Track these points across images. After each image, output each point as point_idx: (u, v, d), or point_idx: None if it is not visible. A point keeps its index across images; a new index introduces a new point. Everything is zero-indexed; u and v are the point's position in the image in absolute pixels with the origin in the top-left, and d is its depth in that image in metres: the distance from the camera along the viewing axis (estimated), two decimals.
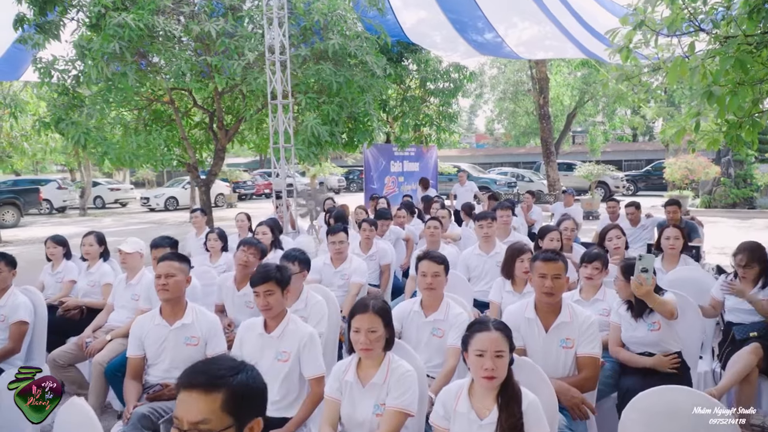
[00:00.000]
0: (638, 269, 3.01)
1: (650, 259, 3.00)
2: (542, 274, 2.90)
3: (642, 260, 3.00)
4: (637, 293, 3.05)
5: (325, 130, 8.84)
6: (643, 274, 2.99)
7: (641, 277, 3.00)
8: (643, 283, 3.00)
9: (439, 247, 5.38)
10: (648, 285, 3.01)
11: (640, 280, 3.00)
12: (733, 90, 4.34)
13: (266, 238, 5.27)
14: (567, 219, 5.03)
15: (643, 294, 3.04)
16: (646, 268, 2.99)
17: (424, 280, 3.27)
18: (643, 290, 3.02)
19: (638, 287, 3.02)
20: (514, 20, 11.96)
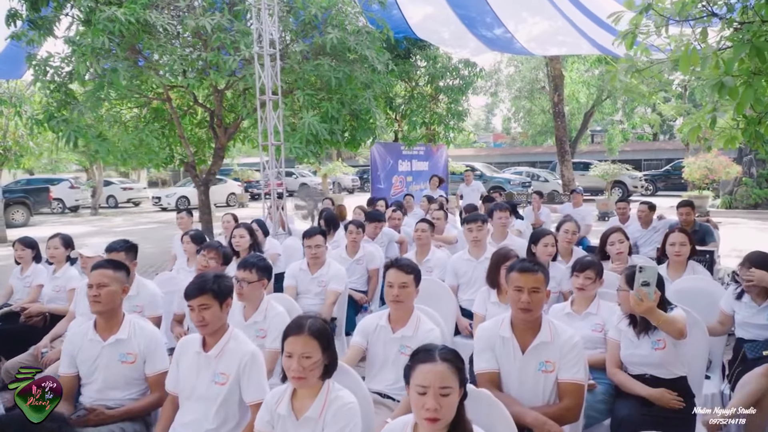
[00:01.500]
0: (638, 282, 2.62)
1: (652, 270, 2.62)
2: (518, 286, 2.54)
3: (643, 272, 2.61)
4: (638, 310, 2.67)
5: (324, 128, 8.53)
6: (644, 288, 2.60)
7: (642, 291, 2.61)
8: (645, 298, 2.61)
9: (429, 251, 5.03)
10: (650, 300, 2.62)
11: (641, 296, 2.62)
12: (748, 80, 3.92)
13: (244, 241, 4.95)
14: (568, 221, 4.62)
15: (645, 311, 2.66)
16: (648, 281, 2.60)
17: (391, 292, 2.92)
18: (644, 307, 2.64)
19: (639, 303, 2.63)
20: (524, 15, 11.55)
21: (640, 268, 2.63)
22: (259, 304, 3.31)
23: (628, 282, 2.93)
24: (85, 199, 24.41)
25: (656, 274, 2.60)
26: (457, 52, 13.40)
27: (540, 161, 34.99)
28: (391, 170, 14.11)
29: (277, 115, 7.02)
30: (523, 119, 32.73)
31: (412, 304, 3.00)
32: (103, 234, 17.10)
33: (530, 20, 11.64)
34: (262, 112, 7.04)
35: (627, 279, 2.97)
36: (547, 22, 11.38)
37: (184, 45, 9.10)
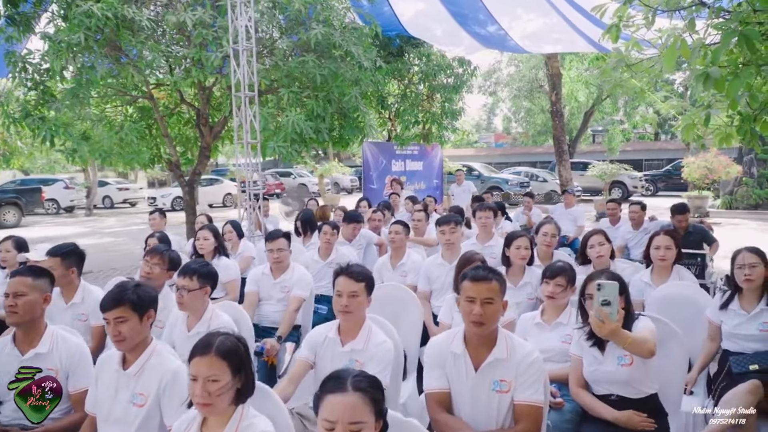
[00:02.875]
0: (598, 302, 2.30)
1: (612, 287, 2.31)
2: (470, 297, 2.28)
3: (602, 290, 2.30)
4: (600, 333, 2.37)
5: (310, 127, 8.30)
6: (605, 308, 2.28)
7: (602, 312, 2.29)
8: (606, 320, 2.30)
9: (405, 254, 4.78)
10: (612, 322, 2.31)
11: (602, 317, 2.30)
12: (736, 71, 3.66)
13: (208, 244, 4.73)
14: (548, 222, 4.36)
15: (608, 334, 2.36)
16: (608, 299, 2.28)
17: (339, 302, 2.67)
18: (606, 329, 2.33)
19: (600, 326, 2.33)
20: (518, 12, 11.29)
21: (598, 285, 2.31)
22: (203, 313, 3.07)
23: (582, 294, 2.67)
24: (80, 200, 24.24)
25: (617, 291, 2.30)
26: (450, 50, 13.16)
27: (540, 161, 34.66)
28: (384, 170, 13.84)
29: (254, 113, 6.77)
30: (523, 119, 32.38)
31: (364, 314, 2.75)
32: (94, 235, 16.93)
33: (524, 17, 11.38)
34: (238, 110, 6.78)
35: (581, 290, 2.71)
36: (541, 19, 11.12)
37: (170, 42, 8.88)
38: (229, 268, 4.71)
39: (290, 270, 4.16)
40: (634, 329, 2.54)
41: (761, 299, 3.10)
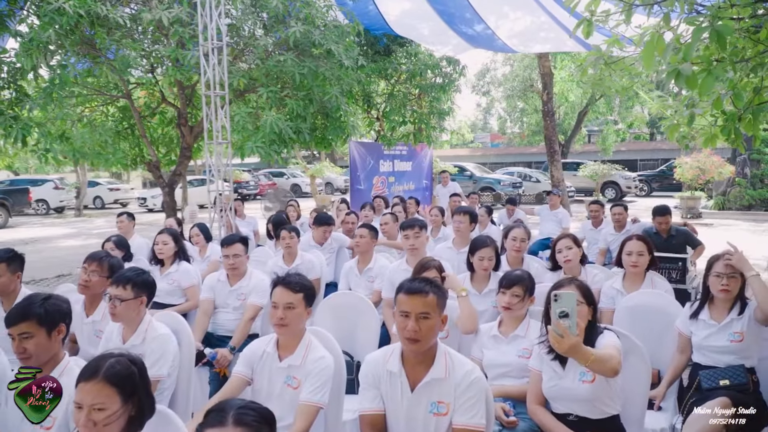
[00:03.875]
0: (555, 314, 2.08)
1: (570, 298, 2.09)
2: (404, 311, 2.10)
3: (559, 301, 2.07)
4: (559, 349, 2.12)
5: (290, 126, 8.12)
6: (563, 320, 2.05)
7: (560, 325, 2.06)
8: (565, 334, 2.06)
9: (372, 259, 4.59)
10: (572, 336, 2.08)
11: (560, 330, 2.06)
12: (709, 68, 3.48)
13: (167, 248, 4.54)
14: (517, 227, 4.17)
15: (568, 350, 2.11)
16: (566, 311, 2.05)
17: (275, 314, 2.49)
18: (565, 345, 2.08)
19: (558, 341, 2.08)
20: (505, 10, 11.09)
21: (555, 295, 2.09)
22: (138, 325, 2.88)
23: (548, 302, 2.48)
24: (70, 200, 24.05)
25: (575, 302, 2.09)
26: (438, 49, 12.96)
27: (535, 161, 34.52)
28: (371, 170, 13.66)
29: (225, 112, 6.58)
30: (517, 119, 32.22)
31: (302, 327, 2.57)
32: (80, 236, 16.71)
33: (511, 15, 11.18)
34: (209, 109, 6.60)
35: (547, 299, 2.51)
36: (529, 17, 10.94)
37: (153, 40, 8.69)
38: (189, 274, 4.54)
39: (247, 276, 3.98)
40: (598, 345, 2.36)
41: (732, 308, 2.93)
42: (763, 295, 2.80)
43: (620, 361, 2.25)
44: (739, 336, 2.85)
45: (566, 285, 2.49)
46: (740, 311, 2.90)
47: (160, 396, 2.85)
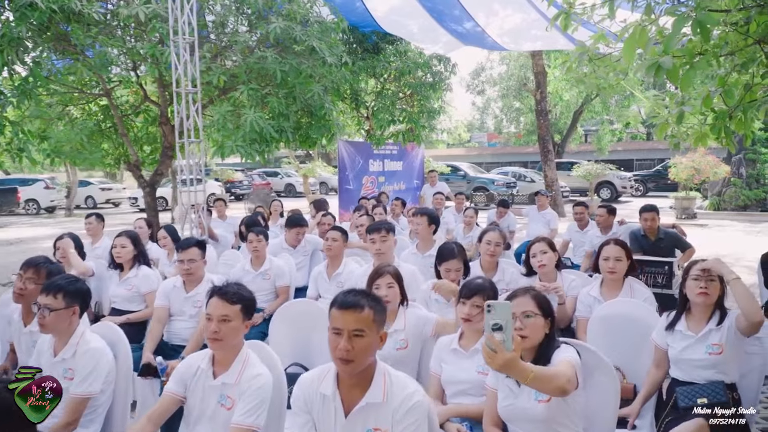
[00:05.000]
0: (488, 326, 1.82)
1: (505, 308, 1.83)
2: (336, 328, 1.89)
3: (492, 312, 1.81)
4: (491, 365, 1.84)
5: (271, 125, 7.91)
6: (497, 334, 1.80)
7: (494, 340, 1.79)
8: (498, 349, 1.79)
9: (342, 263, 4.38)
10: (507, 352, 1.81)
11: (493, 345, 1.79)
12: (691, 61, 3.28)
13: (125, 252, 4.33)
14: (492, 230, 3.96)
15: (502, 366, 1.82)
16: (500, 323, 1.79)
17: (208, 327, 2.28)
18: (498, 361, 1.80)
19: (491, 356, 1.80)
20: (495, 8, 10.87)
21: (488, 306, 1.84)
22: (70, 337, 2.66)
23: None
24: (61, 200, 23.81)
25: (511, 313, 1.85)
26: (429, 47, 12.74)
27: (531, 161, 34.29)
28: (361, 170, 13.46)
29: (197, 110, 6.36)
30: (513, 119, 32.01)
31: (239, 342, 2.36)
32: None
33: (501, 13, 10.97)
34: (179, 107, 6.38)
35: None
36: (519, 15, 10.72)
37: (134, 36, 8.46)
38: (149, 279, 4.32)
39: (204, 282, 3.76)
40: (553, 360, 2.15)
41: (711, 318, 2.72)
42: (745, 299, 2.59)
43: (571, 379, 2.02)
44: (717, 348, 2.65)
45: (521, 294, 2.28)
46: (719, 321, 2.69)
47: (94, 414, 2.65)
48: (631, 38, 3.53)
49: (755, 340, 2.74)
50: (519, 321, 2.20)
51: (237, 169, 27.86)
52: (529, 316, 2.20)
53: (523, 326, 2.19)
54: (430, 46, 12.60)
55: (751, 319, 2.57)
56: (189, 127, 6.34)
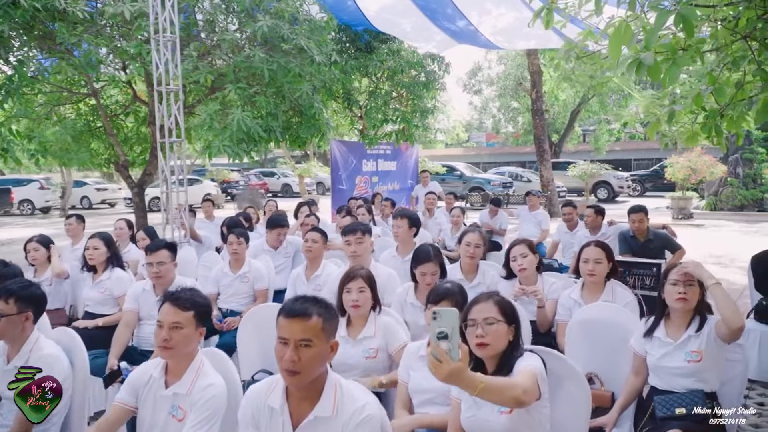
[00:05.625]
0: (434, 334, 1.70)
1: (451, 316, 1.71)
2: (282, 338, 1.78)
3: (438, 319, 1.69)
4: (437, 376, 1.69)
5: (259, 125, 7.81)
6: (442, 343, 1.68)
7: (439, 349, 1.67)
8: (443, 358, 1.67)
9: (320, 265, 4.28)
10: (453, 362, 1.67)
11: (438, 354, 1.67)
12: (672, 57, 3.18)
13: (98, 254, 4.22)
14: (472, 231, 3.85)
15: (448, 377, 1.68)
16: (445, 331, 1.68)
17: (158, 334, 2.17)
18: (443, 371, 1.66)
19: (436, 367, 1.67)
20: (487, 6, 10.77)
21: (434, 313, 1.72)
22: (23, 344, 2.56)
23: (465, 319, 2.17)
24: (56, 200, 23.72)
25: (458, 321, 1.73)
26: (422, 45, 12.63)
27: (529, 161, 34.19)
28: (354, 170, 13.34)
29: (178, 108, 6.26)
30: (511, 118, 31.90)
31: (192, 350, 2.26)
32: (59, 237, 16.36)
33: (494, 12, 10.86)
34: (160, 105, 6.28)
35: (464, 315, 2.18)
36: (512, 13, 10.62)
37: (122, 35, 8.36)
38: (122, 282, 4.22)
39: (174, 286, 3.62)
40: (515, 370, 2.04)
41: (690, 324, 2.61)
42: (725, 304, 2.49)
43: (528, 389, 1.90)
44: (696, 355, 2.54)
45: (483, 300, 2.17)
46: (699, 327, 2.58)
47: (48, 423, 2.54)
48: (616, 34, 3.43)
49: (736, 347, 2.63)
50: (480, 328, 2.09)
51: (233, 169, 27.72)
52: (491, 322, 2.10)
53: (484, 333, 2.08)
54: (423, 45, 12.49)
55: (730, 326, 2.46)
56: (171, 126, 6.20)
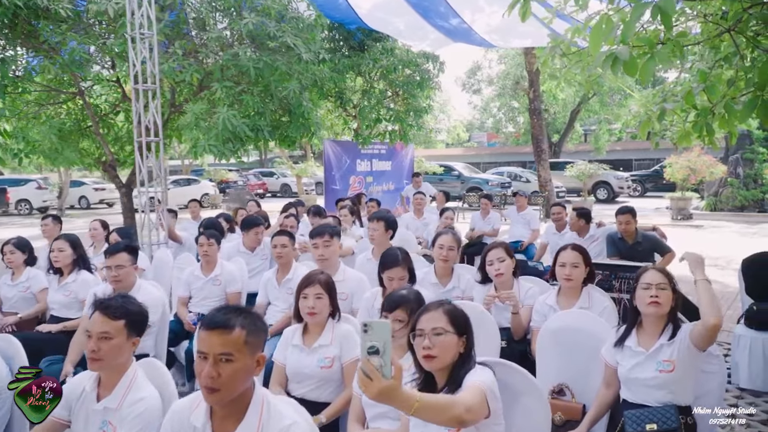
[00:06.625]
0: (364, 348, 1.54)
1: (383, 328, 1.54)
2: (201, 352, 1.64)
3: (369, 332, 1.53)
4: (367, 394, 1.53)
5: (246, 124, 7.68)
6: (373, 358, 1.52)
7: (369, 365, 1.52)
8: (374, 375, 1.51)
9: (291, 269, 4.13)
10: (384, 380, 1.51)
11: (368, 371, 1.51)
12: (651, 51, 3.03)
13: (63, 255, 4.10)
14: (444, 233, 3.70)
15: (378, 396, 1.52)
16: (377, 346, 1.52)
17: (87, 345, 2.03)
18: (374, 390, 1.51)
19: (366, 384, 1.52)
20: (480, 4, 10.62)
21: (364, 325, 1.55)
22: None
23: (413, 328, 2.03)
24: (53, 200, 23.65)
25: (390, 334, 1.55)
26: (416, 44, 12.48)
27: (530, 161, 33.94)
28: (348, 170, 13.22)
29: (155, 107, 6.13)
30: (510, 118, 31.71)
31: (124, 361, 2.11)
32: None
33: (488, 9, 10.70)
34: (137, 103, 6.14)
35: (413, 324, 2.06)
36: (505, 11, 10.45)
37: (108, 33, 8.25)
38: (89, 285, 4.08)
39: (135, 290, 3.51)
40: (464, 385, 1.89)
41: (663, 332, 2.46)
42: (707, 301, 2.35)
43: (471, 407, 1.74)
44: (669, 365, 2.39)
45: (433, 309, 2.02)
46: (672, 335, 2.43)
47: None
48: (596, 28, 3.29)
49: (714, 359, 2.49)
50: (428, 338, 1.95)
51: (231, 169, 27.59)
52: (439, 333, 1.95)
53: (431, 345, 1.93)
54: (418, 44, 12.34)
55: (706, 322, 2.31)
56: (149, 125, 6.07)
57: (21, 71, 8.06)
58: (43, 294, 4.25)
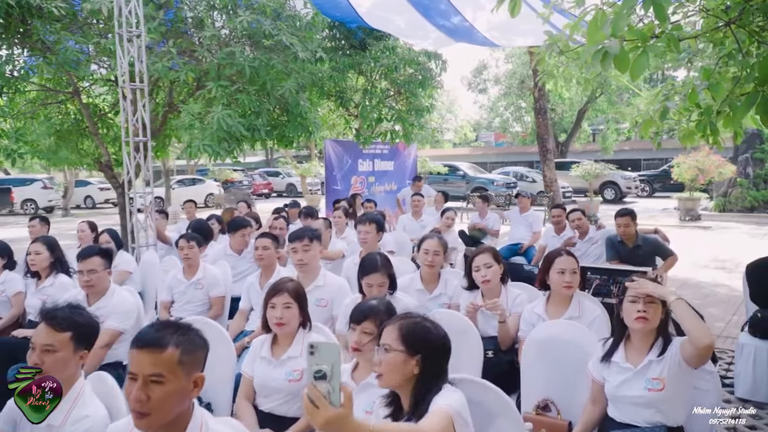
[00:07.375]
0: (310, 372, 1.41)
1: (331, 351, 1.41)
2: (131, 373, 1.50)
3: (316, 355, 1.40)
4: (315, 424, 1.41)
5: (242, 123, 7.57)
6: (320, 384, 1.39)
7: (315, 391, 1.39)
8: (320, 403, 1.38)
9: (274, 273, 4.00)
10: (332, 407, 1.38)
11: (314, 397, 1.38)
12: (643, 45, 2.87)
13: (40, 259, 4.00)
14: (430, 237, 3.55)
15: (325, 425, 1.39)
16: (323, 371, 1.39)
17: (30, 358, 1.91)
18: (320, 418, 1.38)
19: (312, 412, 1.39)
20: (482, 1, 10.45)
21: (311, 347, 1.41)
22: None
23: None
24: (59, 200, 23.71)
25: (339, 357, 1.42)
26: (418, 43, 12.32)
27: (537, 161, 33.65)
28: (349, 170, 13.09)
29: (143, 106, 6.01)
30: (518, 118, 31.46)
31: (71, 375, 1.99)
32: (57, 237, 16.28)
33: (488, 6, 10.52)
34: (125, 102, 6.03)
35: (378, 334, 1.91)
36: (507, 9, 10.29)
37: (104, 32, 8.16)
38: (66, 288, 3.97)
39: (108, 296, 3.39)
40: (431, 408, 1.74)
41: (652, 348, 2.30)
42: (689, 321, 2.18)
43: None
44: (658, 383, 2.23)
45: (393, 322, 1.87)
46: (661, 351, 2.27)
47: None
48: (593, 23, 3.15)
49: (707, 374, 2.32)
50: (380, 354, 1.80)
51: (236, 169, 27.53)
52: (386, 349, 1.80)
53: (379, 361, 1.79)
54: (419, 42, 12.16)
55: (697, 343, 2.14)
56: (136, 125, 5.96)
57: (17, 71, 7.99)
58: (17, 298, 4.14)
